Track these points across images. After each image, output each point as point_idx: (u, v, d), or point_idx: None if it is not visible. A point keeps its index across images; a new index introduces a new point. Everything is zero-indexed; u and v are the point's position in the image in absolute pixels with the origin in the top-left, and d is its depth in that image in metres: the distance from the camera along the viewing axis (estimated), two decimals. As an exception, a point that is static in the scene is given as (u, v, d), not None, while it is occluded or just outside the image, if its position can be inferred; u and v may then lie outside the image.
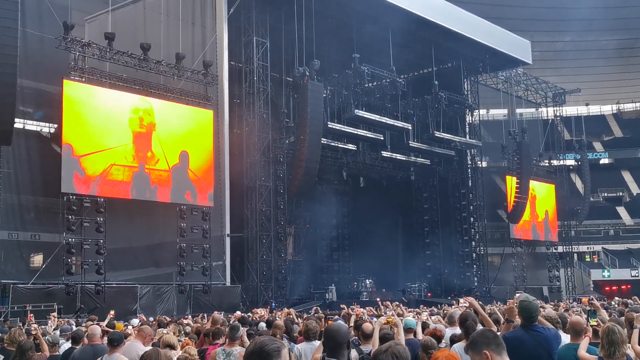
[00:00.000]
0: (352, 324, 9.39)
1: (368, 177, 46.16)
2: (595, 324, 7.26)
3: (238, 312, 19.41)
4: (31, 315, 17.88)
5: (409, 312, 13.90)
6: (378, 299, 20.37)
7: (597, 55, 65.52)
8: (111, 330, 10.35)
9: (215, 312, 17.90)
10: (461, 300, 9.11)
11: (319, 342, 7.65)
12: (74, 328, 12.02)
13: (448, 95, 39.95)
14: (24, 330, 10.89)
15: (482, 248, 45.59)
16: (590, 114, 67.09)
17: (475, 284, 43.97)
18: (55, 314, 17.37)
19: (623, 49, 65.35)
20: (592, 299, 9.83)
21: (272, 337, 3.55)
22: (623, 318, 8.74)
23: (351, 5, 33.88)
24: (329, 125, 33.32)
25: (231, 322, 10.30)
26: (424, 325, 9.42)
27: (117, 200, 27.87)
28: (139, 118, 28.87)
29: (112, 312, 13.48)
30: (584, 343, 6.69)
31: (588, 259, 59.21)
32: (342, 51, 36.32)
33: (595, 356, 6.41)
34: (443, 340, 8.27)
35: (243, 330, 8.78)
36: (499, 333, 7.18)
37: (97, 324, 11.20)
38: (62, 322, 16.14)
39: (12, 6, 23.72)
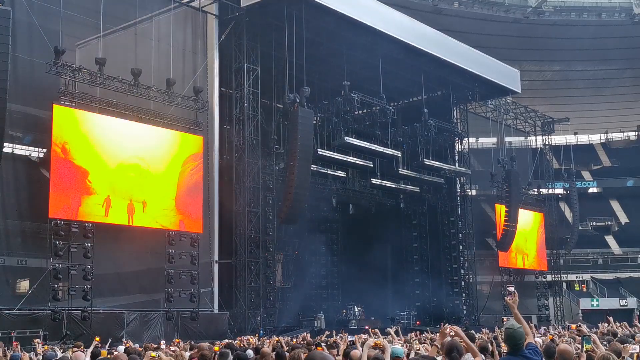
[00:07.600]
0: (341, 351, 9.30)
1: (357, 204, 46.11)
2: (590, 348, 7.24)
3: (225, 340, 19.27)
4: (16, 342, 17.65)
5: (399, 340, 13.80)
6: (367, 327, 20.26)
7: (585, 85, 66.17)
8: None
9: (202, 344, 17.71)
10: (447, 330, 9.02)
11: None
12: (59, 355, 11.87)
13: (437, 123, 40.02)
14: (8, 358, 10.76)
15: (471, 276, 45.49)
16: (578, 143, 67.40)
17: (464, 312, 43.83)
18: (38, 340, 17.16)
19: (611, 78, 65.94)
20: (580, 326, 9.82)
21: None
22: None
23: (342, 33, 34.11)
24: (318, 152, 33.32)
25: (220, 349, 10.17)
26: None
27: (105, 225, 27.65)
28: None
29: (97, 338, 13.29)
30: None
31: (577, 288, 59.20)
32: (332, 78, 36.50)
33: None
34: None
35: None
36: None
37: (82, 351, 11.06)
38: (47, 348, 15.95)
39: (3, 30, 23.81)
